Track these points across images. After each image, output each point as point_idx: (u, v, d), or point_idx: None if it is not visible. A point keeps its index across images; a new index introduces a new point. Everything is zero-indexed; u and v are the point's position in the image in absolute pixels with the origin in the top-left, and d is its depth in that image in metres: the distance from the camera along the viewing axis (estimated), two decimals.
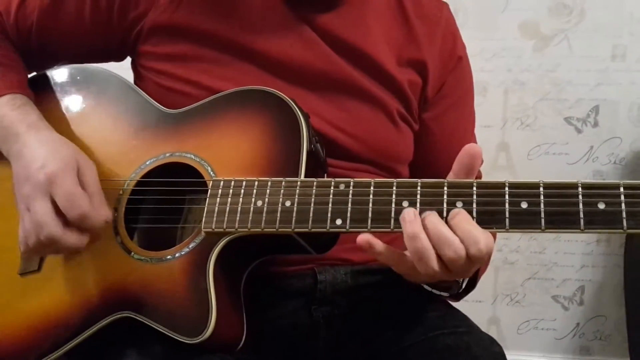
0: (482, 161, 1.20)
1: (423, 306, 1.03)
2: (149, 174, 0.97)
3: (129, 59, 1.11)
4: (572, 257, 2.03)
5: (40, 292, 0.95)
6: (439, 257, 0.77)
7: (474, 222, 0.77)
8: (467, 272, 0.81)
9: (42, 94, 1.06)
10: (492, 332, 0.94)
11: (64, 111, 1.06)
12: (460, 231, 0.76)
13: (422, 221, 0.78)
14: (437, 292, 1.00)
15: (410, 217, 0.78)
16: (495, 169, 2.01)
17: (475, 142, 1.20)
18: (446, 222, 0.78)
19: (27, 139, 0.94)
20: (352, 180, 0.84)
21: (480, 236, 0.76)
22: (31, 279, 0.97)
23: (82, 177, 0.91)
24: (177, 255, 0.89)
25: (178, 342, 0.83)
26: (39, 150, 0.93)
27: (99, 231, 0.92)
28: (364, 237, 0.79)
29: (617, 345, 2.04)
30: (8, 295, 0.98)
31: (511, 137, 2.02)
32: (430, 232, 0.77)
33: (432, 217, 0.78)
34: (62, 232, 0.88)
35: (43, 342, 0.92)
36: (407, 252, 0.80)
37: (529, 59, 1.97)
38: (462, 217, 0.77)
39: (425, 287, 0.99)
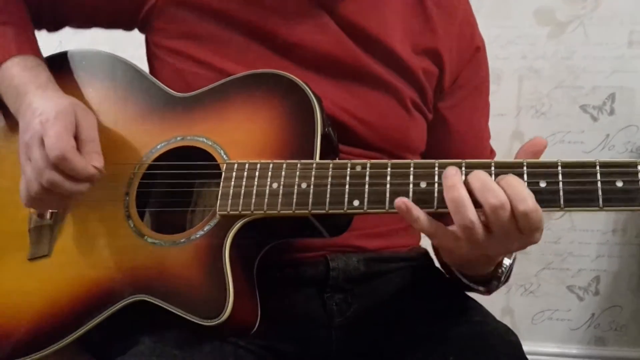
0: (495, 153, 1.20)
1: (438, 294, 1.03)
2: (159, 158, 0.96)
3: (142, 45, 1.11)
4: (588, 247, 2.01)
5: (52, 277, 0.95)
6: (482, 212, 0.75)
7: (523, 183, 0.76)
8: (510, 238, 0.78)
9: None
10: (506, 323, 0.95)
11: (74, 95, 1.03)
12: (509, 188, 0.75)
13: (468, 177, 0.77)
14: (475, 287, 0.99)
15: (450, 172, 0.77)
16: (510, 158, 1.98)
17: (489, 133, 1.20)
18: None
19: (34, 97, 0.95)
20: (368, 161, 0.84)
21: (529, 195, 0.74)
22: (41, 263, 0.96)
23: (78, 125, 0.91)
24: (191, 238, 0.89)
25: (193, 326, 0.83)
26: (41, 104, 0.93)
27: (112, 214, 0.92)
28: (402, 199, 0.78)
29: (632, 335, 2.03)
30: (19, 281, 0.97)
31: (526, 125, 2.00)
32: (475, 183, 0.76)
33: (478, 171, 0.77)
34: (59, 175, 0.88)
35: (55, 327, 0.92)
36: (451, 227, 0.79)
37: (544, 46, 1.95)
38: (511, 177, 0.76)
39: (463, 279, 0.98)
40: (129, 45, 1.16)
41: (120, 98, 1.04)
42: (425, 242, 1.08)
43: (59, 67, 1.07)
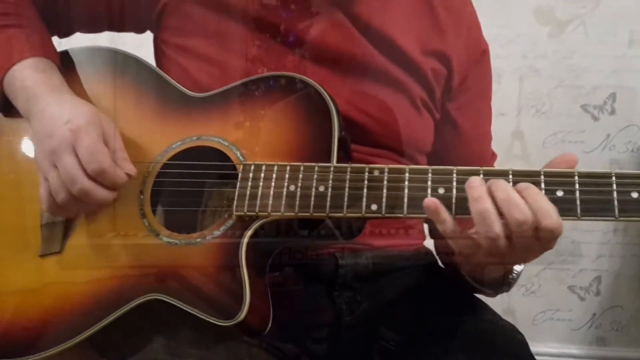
0: (496, 156, 1.20)
1: (444, 293, 1.03)
2: (174, 157, 0.96)
3: (142, 45, 1.10)
4: (589, 247, 2.01)
5: (63, 274, 0.95)
6: (505, 223, 0.76)
7: (545, 196, 0.77)
8: (529, 251, 0.80)
9: (65, 76, 1.04)
10: None
11: (87, 93, 1.04)
12: (532, 202, 0.76)
13: (489, 185, 0.77)
14: (483, 289, 1.00)
15: (475, 183, 0.78)
16: (510, 158, 1.98)
17: (491, 137, 1.21)
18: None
19: (50, 100, 0.95)
20: (386, 166, 0.84)
21: (553, 210, 0.75)
22: (53, 260, 0.95)
23: (105, 134, 0.92)
24: (208, 238, 0.89)
25: (207, 326, 0.83)
26: (62, 108, 0.93)
27: (127, 201, 0.93)
28: (432, 199, 0.79)
29: (633, 336, 2.03)
30: (29, 277, 0.96)
31: (526, 125, 1.99)
32: (499, 194, 0.76)
33: (501, 182, 0.77)
34: (93, 185, 0.89)
35: (65, 326, 0.91)
36: (470, 231, 0.80)
37: (544, 45, 1.95)
38: (533, 190, 0.77)
39: (472, 283, 0.98)
40: (129, 45, 1.14)
41: (135, 96, 1.03)
42: (428, 242, 1.09)
43: (75, 64, 1.07)
